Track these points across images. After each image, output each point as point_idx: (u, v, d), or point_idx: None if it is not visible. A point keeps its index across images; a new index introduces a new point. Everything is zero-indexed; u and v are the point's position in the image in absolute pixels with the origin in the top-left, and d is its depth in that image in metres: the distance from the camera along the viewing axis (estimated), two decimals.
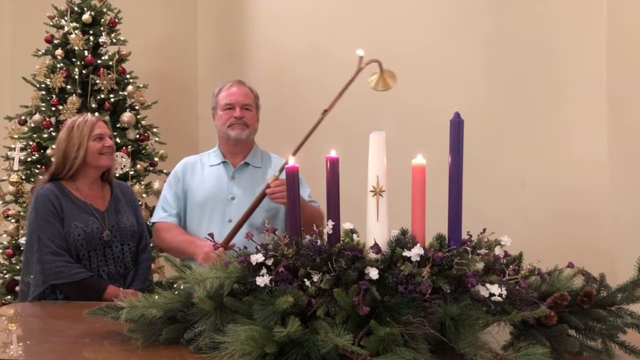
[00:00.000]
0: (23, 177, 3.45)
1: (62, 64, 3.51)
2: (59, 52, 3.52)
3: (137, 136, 3.60)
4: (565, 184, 2.98)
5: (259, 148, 2.50)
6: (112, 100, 3.55)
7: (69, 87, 3.48)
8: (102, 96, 3.51)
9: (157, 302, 1.38)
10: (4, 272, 3.48)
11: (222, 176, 2.40)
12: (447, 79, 3.23)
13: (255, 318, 1.26)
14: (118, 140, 3.38)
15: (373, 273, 1.27)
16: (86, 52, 3.53)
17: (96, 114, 3.48)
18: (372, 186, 1.38)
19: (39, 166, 3.46)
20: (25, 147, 3.49)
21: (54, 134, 3.44)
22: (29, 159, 3.46)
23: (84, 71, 3.51)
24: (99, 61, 3.56)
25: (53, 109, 3.47)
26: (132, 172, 3.47)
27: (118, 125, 3.54)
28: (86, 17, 3.57)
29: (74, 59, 3.54)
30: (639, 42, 2.71)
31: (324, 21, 3.75)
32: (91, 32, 3.59)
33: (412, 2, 3.45)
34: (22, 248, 3.07)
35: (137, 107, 3.67)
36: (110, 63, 3.58)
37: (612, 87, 2.86)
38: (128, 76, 3.68)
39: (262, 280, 1.29)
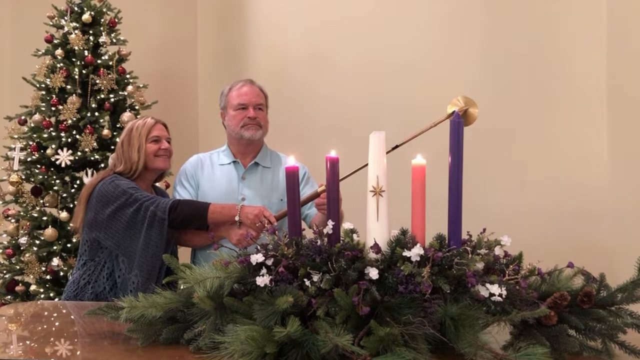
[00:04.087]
0: (23, 177, 3.45)
1: (62, 64, 3.51)
2: (59, 52, 3.53)
3: None
4: (565, 183, 2.98)
5: (267, 148, 2.49)
6: (112, 100, 3.55)
7: (69, 87, 3.48)
8: (102, 96, 3.52)
9: (157, 302, 1.38)
10: (4, 272, 3.48)
11: (232, 176, 2.40)
12: (447, 79, 3.22)
13: (255, 318, 1.26)
14: (117, 140, 3.38)
15: (373, 273, 1.27)
16: (86, 52, 3.53)
17: (96, 113, 3.49)
18: (372, 186, 1.38)
19: (39, 166, 3.46)
20: (25, 147, 3.49)
21: (53, 134, 3.45)
22: (29, 159, 3.46)
23: (84, 71, 3.52)
24: (99, 61, 3.57)
25: (53, 109, 3.47)
26: None
27: (118, 125, 3.54)
28: (86, 17, 3.58)
29: (74, 59, 3.54)
30: (639, 42, 2.71)
31: (323, 23, 3.74)
32: (91, 32, 3.60)
33: (411, 4, 3.45)
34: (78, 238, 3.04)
35: (137, 107, 3.67)
36: (110, 63, 3.58)
37: (612, 86, 2.86)
38: (128, 76, 3.68)
39: (262, 280, 1.29)
